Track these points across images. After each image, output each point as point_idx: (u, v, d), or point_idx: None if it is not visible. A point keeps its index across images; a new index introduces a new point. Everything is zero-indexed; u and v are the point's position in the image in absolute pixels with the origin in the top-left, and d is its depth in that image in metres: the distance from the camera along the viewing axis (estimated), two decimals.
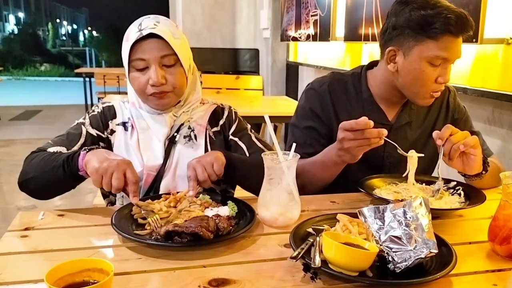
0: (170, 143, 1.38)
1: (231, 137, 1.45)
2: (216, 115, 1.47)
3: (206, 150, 1.39)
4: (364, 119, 1.19)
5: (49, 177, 1.21)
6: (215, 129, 1.45)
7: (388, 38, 1.38)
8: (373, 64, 1.54)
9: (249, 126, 1.51)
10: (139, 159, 1.34)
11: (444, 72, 1.33)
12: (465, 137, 1.25)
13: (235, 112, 1.51)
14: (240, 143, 1.44)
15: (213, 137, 1.43)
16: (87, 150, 1.19)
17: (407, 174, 1.31)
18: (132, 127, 1.39)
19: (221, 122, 1.47)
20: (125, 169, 1.11)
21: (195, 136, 1.40)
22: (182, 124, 1.40)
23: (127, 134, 1.38)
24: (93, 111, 1.42)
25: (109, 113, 1.42)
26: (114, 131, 1.39)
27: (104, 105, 1.44)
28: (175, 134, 1.39)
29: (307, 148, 1.46)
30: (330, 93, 1.50)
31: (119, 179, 1.10)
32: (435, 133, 1.28)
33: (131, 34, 1.29)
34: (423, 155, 1.31)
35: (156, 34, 1.25)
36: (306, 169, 1.39)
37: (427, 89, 1.36)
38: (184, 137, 1.39)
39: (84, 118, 1.40)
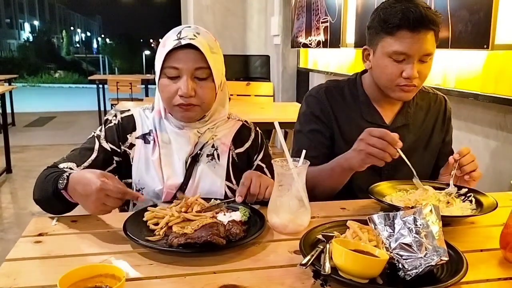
0: (193, 161, 1.35)
1: (258, 162, 1.43)
2: (241, 135, 1.44)
3: (227, 171, 1.37)
4: (395, 135, 1.22)
5: (52, 205, 1.20)
6: (239, 150, 1.42)
7: (366, 39, 1.48)
8: (367, 70, 1.58)
9: (270, 149, 1.50)
10: (159, 177, 1.31)
11: (407, 67, 1.37)
12: (472, 160, 1.34)
13: (261, 134, 1.49)
14: (266, 170, 1.42)
15: (236, 158, 1.40)
16: (63, 185, 1.12)
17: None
18: (154, 140, 1.34)
19: (246, 145, 1.43)
20: (106, 193, 1.06)
21: (218, 155, 1.37)
22: (206, 142, 1.37)
23: (148, 147, 1.34)
24: (110, 122, 1.38)
25: (128, 125, 1.37)
26: (134, 145, 1.35)
27: (123, 115, 1.39)
28: (199, 152, 1.36)
29: (312, 151, 1.47)
30: (328, 97, 1.55)
31: (112, 202, 1.08)
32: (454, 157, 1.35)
33: (168, 41, 1.26)
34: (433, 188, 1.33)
35: (194, 45, 1.24)
36: (314, 176, 1.40)
37: (393, 83, 1.41)
38: (207, 155, 1.36)
39: (101, 130, 1.37)
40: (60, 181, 1.14)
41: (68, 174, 1.14)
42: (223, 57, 1.36)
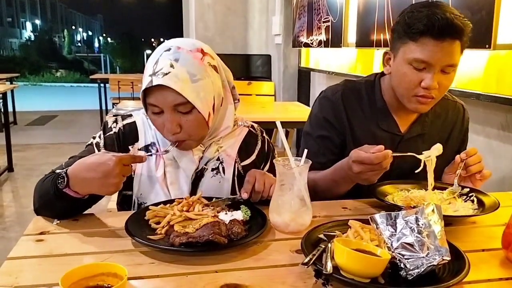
0: (198, 176, 1.31)
1: (264, 171, 1.38)
2: (247, 144, 1.39)
3: (233, 184, 1.34)
4: (383, 153, 1.18)
5: (53, 209, 1.17)
6: (245, 162, 1.37)
7: (389, 43, 1.44)
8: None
9: (276, 154, 1.46)
10: (165, 193, 1.28)
11: (427, 76, 1.30)
12: (479, 160, 1.34)
13: (268, 141, 1.44)
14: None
15: (242, 171, 1.35)
16: (64, 183, 1.10)
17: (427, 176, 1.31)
18: (157, 151, 1.29)
19: (253, 157, 1.39)
20: (124, 163, 1.08)
21: (223, 169, 1.33)
22: (212, 157, 1.32)
23: (150, 160, 1.29)
24: (110, 129, 1.31)
25: (130, 134, 1.31)
26: None
27: (125, 122, 1.33)
28: (204, 166, 1.32)
29: (320, 158, 1.45)
30: (344, 101, 1.48)
31: (128, 170, 1.09)
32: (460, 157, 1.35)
33: (146, 74, 1.18)
34: (439, 144, 1.30)
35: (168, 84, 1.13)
36: (318, 185, 1.40)
37: (410, 92, 1.35)
38: (212, 169, 1.32)
39: (100, 137, 1.31)
40: (59, 181, 1.11)
41: (65, 172, 1.11)
42: (216, 75, 1.24)
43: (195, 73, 1.18)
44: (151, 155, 1.29)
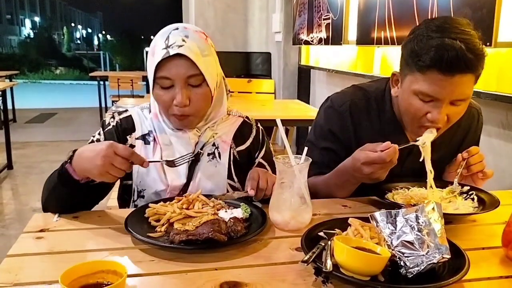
0: (194, 160, 1.33)
1: (260, 159, 1.42)
2: (242, 132, 1.43)
3: (229, 169, 1.36)
4: (392, 148, 1.17)
5: (57, 197, 1.19)
6: (240, 148, 1.41)
7: (400, 64, 1.33)
8: None
9: (271, 146, 1.48)
10: (163, 179, 1.31)
11: (434, 110, 1.21)
12: (481, 160, 1.32)
13: (262, 131, 1.47)
14: (268, 168, 1.40)
15: (237, 156, 1.39)
16: (69, 161, 1.15)
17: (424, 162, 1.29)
18: (155, 140, 1.33)
19: (248, 143, 1.42)
20: (115, 151, 1.08)
21: (219, 154, 1.36)
22: (207, 141, 1.35)
23: (148, 148, 1.33)
24: (108, 124, 1.36)
25: (127, 126, 1.35)
26: (134, 146, 1.33)
27: (121, 116, 1.37)
28: (200, 151, 1.34)
29: (325, 169, 1.40)
30: (352, 114, 1.41)
31: (120, 163, 1.09)
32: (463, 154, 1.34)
33: (157, 49, 1.23)
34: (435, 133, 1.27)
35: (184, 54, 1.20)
36: (319, 189, 1.38)
37: (416, 123, 1.28)
38: (208, 154, 1.35)
39: (100, 134, 1.35)
40: (66, 159, 1.15)
41: (75, 149, 1.16)
42: (216, 55, 1.32)
43: (204, 48, 1.25)
44: (154, 161, 1.30)
